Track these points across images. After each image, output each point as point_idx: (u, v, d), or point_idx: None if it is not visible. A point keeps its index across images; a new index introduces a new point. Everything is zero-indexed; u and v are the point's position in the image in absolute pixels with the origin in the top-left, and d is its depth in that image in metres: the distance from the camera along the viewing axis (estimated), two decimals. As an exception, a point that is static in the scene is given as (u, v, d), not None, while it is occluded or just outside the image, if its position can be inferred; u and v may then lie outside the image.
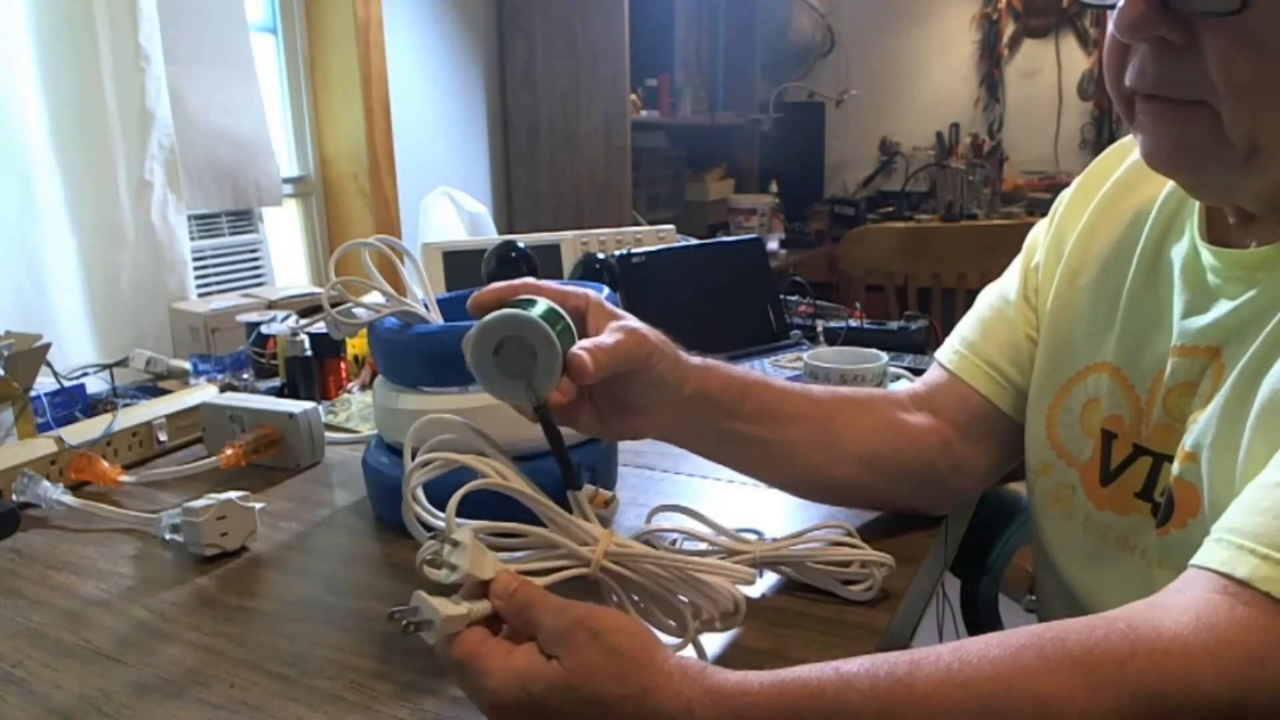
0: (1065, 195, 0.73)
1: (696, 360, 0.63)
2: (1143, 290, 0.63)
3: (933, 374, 0.76)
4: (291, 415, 0.89)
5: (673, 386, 0.60)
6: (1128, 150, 0.69)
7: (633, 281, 1.20)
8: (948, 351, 0.75)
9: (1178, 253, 0.62)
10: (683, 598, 0.52)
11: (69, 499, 0.80)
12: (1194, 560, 0.46)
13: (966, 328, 0.75)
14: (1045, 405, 0.69)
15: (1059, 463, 0.68)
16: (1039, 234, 0.74)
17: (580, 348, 0.53)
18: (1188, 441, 0.56)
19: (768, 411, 0.66)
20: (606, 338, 0.55)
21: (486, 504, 0.51)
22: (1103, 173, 0.70)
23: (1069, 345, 0.68)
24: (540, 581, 0.48)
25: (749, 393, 0.65)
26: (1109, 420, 0.64)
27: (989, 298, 0.76)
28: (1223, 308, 0.57)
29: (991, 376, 0.72)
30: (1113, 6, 0.52)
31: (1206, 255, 0.59)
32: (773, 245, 2.95)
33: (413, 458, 0.54)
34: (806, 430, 0.67)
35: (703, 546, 0.65)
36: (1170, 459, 0.59)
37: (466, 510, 0.50)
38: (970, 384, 0.72)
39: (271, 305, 1.35)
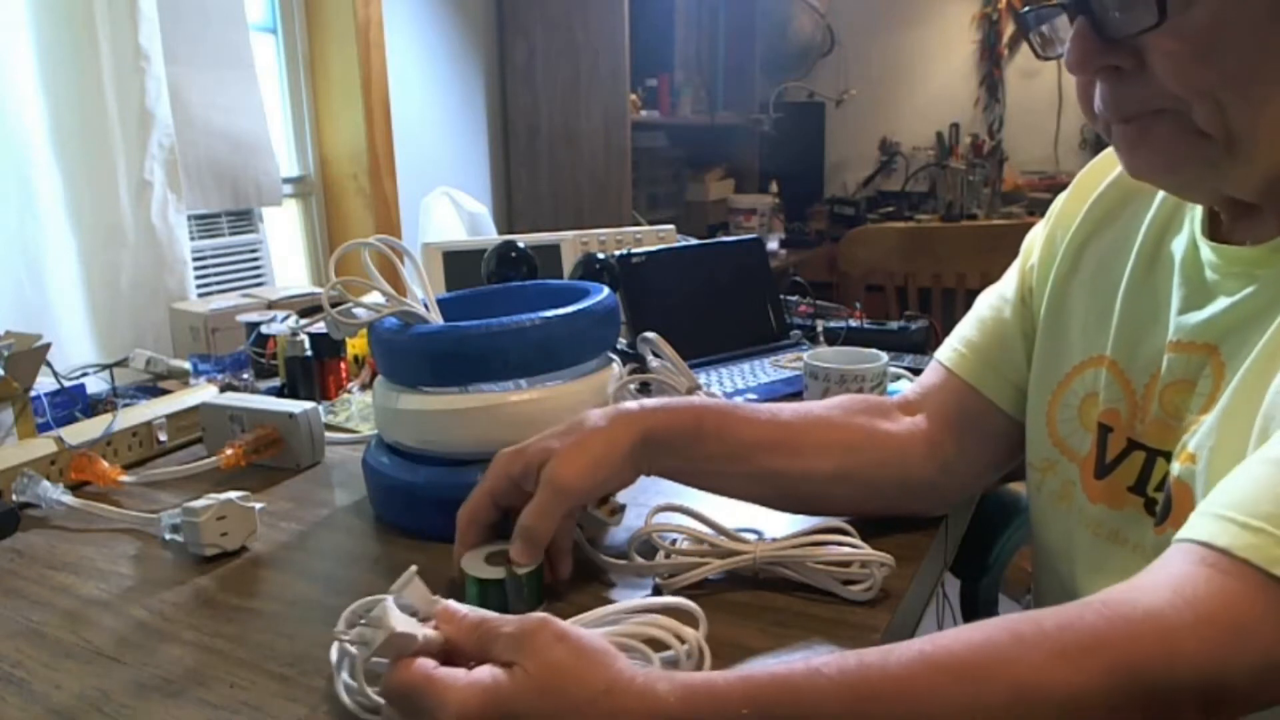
0: (1060, 198, 0.73)
1: (649, 404, 0.65)
2: (1141, 285, 0.64)
3: (930, 374, 0.76)
4: (291, 415, 0.89)
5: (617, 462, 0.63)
6: None
7: (633, 281, 1.20)
8: (947, 350, 0.76)
9: (1178, 247, 0.62)
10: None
11: (69, 499, 0.80)
12: (1175, 536, 0.45)
13: (966, 327, 0.76)
14: (1045, 401, 0.69)
15: (1062, 460, 0.68)
16: (1035, 237, 0.75)
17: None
18: (1190, 442, 0.56)
19: (727, 450, 0.66)
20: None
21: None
22: (1099, 173, 0.70)
23: (1066, 341, 0.68)
24: None
25: (704, 432, 0.66)
26: (1105, 414, 0.64)
27: (988, 299, 0.77)
28: (1220, 304, 0.57)
29: (991, 374, 0.72)
30: (1061, 56, 0.55)
31: (1205, 251, 0.59)
32: (773, 245, 2.95)
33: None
34: (775, 457, 0.68)
35: (703, 546, 0.65)
36: (1164, 455, 0.59)
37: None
38: (970, 382, 0.73)
39: (271, 305, 1.35)
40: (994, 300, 0.76)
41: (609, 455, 0.61)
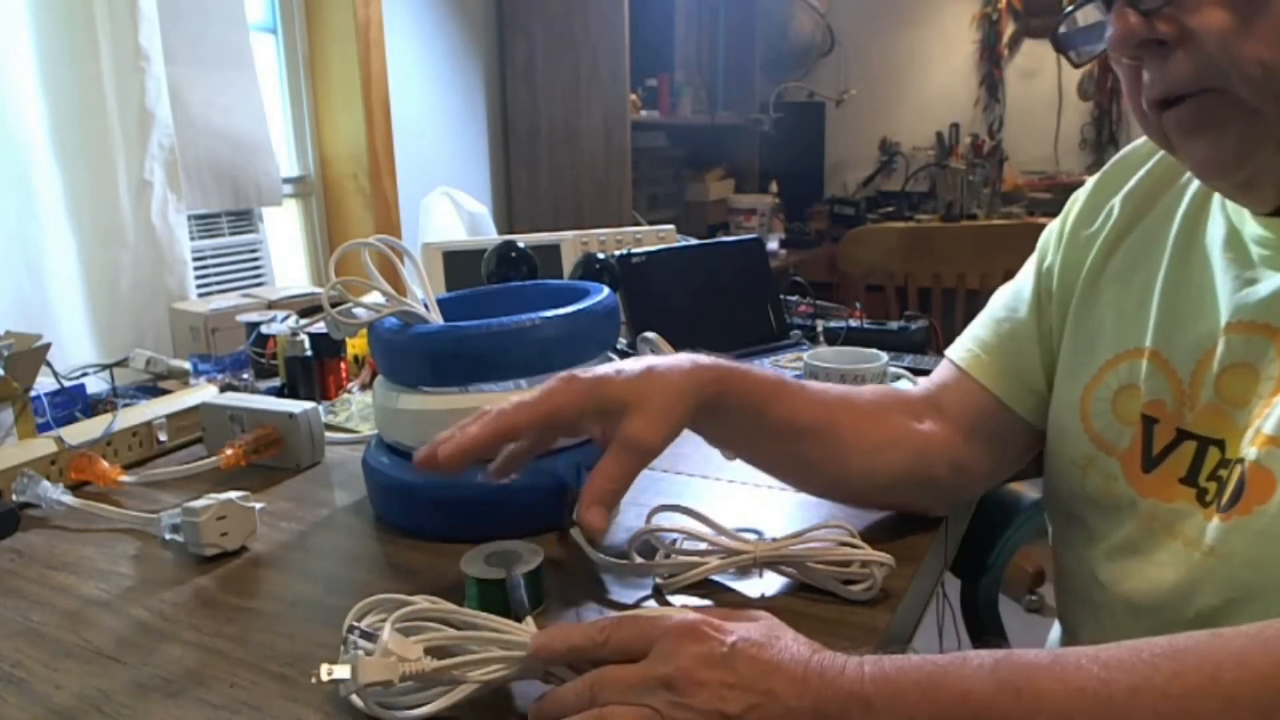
0: (1079, 195, 0.72)
1: (725, 366, 0.63)
2: (1179, 276, 0.62)
3: (942, 372, 0.76)
4: (291, 415, 0.89)
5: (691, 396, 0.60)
6: (1152, 150, 0.67)
7: (633, 281, 1.20)
8: (960, 350, 0.75)
9: (1214, 235, 0.61)
10: None
11: (69, 499, 0.80)
12: None
13: (979, 327, 0.75)
14: (1077, 397, 0.67)
15: (1099, 454, 0.66)
16: (1050, 236, 0.73)
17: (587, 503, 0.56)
18: (1266, 426, 0.54)
19: (785, 426, 0.66)
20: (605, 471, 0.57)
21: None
22: (1125, 171, 0.69)
23: (1099, 336, 0.67)
24: (487, 673, 0.48)
25: (767, 409, 0.65)
26: (1149, 406, 0.62)
27: (1002, 298, 0.76)
28: (1275, 281, 0.55)
29: (1005, 377, 0.72)
30: (1103, 51, 0.54)
31: (1252, 227, 0.57)
32: (773, 245, 2.95)
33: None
34: (816, 443, 0.67)
35: (703, 546, 0.65)
36: (1216, 443, 0.58)
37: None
38: (982, 382, 0.72)
39: (271, 305, 1.35)
40: (1009, 300, 0.74)
41: (683, 418, 0.59)
